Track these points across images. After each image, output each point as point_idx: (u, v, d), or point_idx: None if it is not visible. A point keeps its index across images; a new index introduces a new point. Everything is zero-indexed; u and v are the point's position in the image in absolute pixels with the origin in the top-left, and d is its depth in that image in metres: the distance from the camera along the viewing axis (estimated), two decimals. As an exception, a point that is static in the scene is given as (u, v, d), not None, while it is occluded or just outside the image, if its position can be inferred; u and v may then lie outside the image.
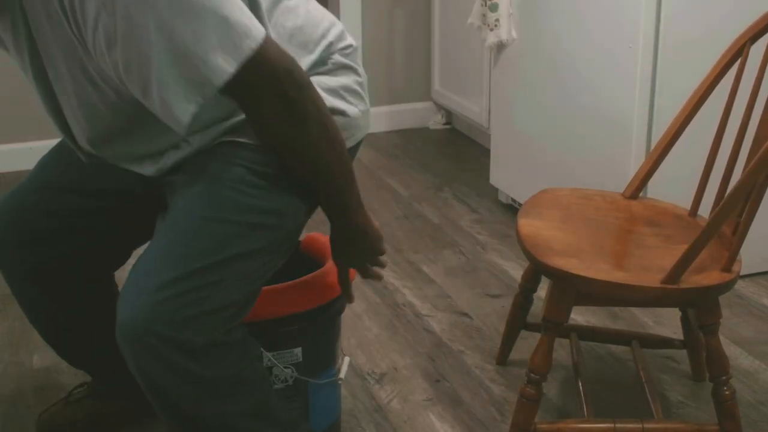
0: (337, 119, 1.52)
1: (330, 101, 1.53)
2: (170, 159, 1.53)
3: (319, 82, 1.53)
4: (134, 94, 1.34)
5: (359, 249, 1.68)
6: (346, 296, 1.75)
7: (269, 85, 1.35)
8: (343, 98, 1.59)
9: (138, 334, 1.37)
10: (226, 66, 1.28)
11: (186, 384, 1.41)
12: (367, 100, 1.66)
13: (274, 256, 1.54)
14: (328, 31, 1.60)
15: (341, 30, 1.63)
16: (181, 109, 1.31)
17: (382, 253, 1.72)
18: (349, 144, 1.59)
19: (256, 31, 1.31)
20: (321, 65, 1.59)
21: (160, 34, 1.24)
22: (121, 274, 1.84)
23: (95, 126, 1.49)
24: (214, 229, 1.45)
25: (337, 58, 1.60)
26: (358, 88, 1.63)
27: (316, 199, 1.58)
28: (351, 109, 1.60)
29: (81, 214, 1.71)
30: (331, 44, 1.60)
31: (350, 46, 1.64)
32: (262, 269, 1.51)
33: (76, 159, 1.63)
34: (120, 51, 1.26)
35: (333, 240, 1.67)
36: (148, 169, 1.56)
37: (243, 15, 1.30)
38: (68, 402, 1.95)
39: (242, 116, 1.48)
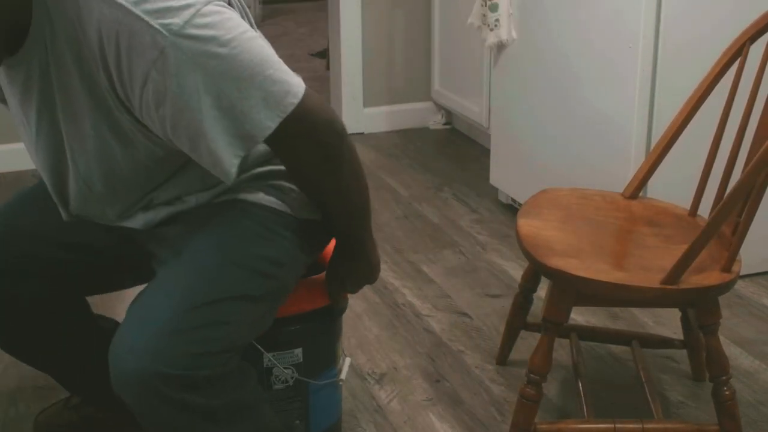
0: None
1: None
2: (162, 213, 1.56)
3: None
4: (181, 148, 1.38)
5: (360, 274, 1.71)
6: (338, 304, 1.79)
7: (309, 135, 1.42)
8: None
9: (141, 375, 1.35)
10: (268, 122, 1.35)
11: (188, 415, 1.40)
12: None
13: (274, 306, 1.57)
14: None
15: None
16: (228, 162, 1.36)
17: (375, 280, 1.77)
18: None
19: (297, 88, 1.37)
20: None
21: (208, 93, 1.30)
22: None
23: (108, 184, 1.50)
24: (221, 271, 1.47)
25: None
26: None
27: (315, 254, 1.65)
28: None
29: (49, 263, 1.67)
30: None
31: None
32: (264, 317, 1.55)
33: (50, 209, 1.63)
34: (169, 108, 1.31)
35: (336, 264, 1.70)
36: (136, 223, 1.57)
37: (284, 73, 1.36)
38: (66, 406, 1.95)
39: (242, 176, 1.54)
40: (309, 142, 1.43)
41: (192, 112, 1.31)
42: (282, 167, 1.58)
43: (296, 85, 1.37)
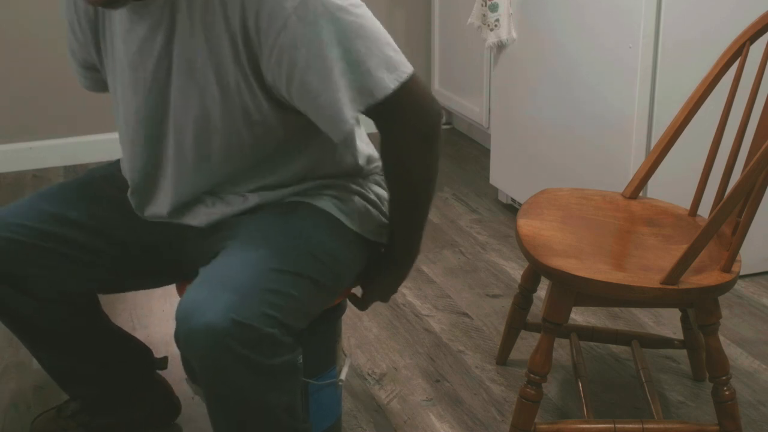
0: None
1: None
2: (227, 210, 1.62)
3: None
4: (302, 101, 1.47)
5: (398, 280, 1.77)
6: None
7: (415, 109, 1.53)
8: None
9: (215, 325, 1.39)
10: (388, 83, 1.47)
11: (249, 371, 1.43)
12: None
13: (322, 304, 1.63)
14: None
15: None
16: (347, 113, 1.47)
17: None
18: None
19: (408, 64, 1.51)
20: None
21: (339, 45, 1.43)
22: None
23: (198, 141, 1.56)
24: (294, 250, 1.55)
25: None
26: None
27: (358, 275, 1.72)
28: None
29: (84, 251, 1.69)
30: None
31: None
32: (317, 308, 1.60)
33: (91, 198, 1.72)
34: (303, 53, 1.42)
35: (385, 269, 1.75)
36: (198, 220, 1.63)
37: (397, 48, 1.50)
38: (60, 415, 1.93)
39: (308, 184, 1.63)
40: (414, 115, 1.53)
41: (324, 60, 1.42)
42: (343, 182, 1.67)
43: (407, 61, 1.50)
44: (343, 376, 1.84)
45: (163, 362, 1.98)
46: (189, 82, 1.52)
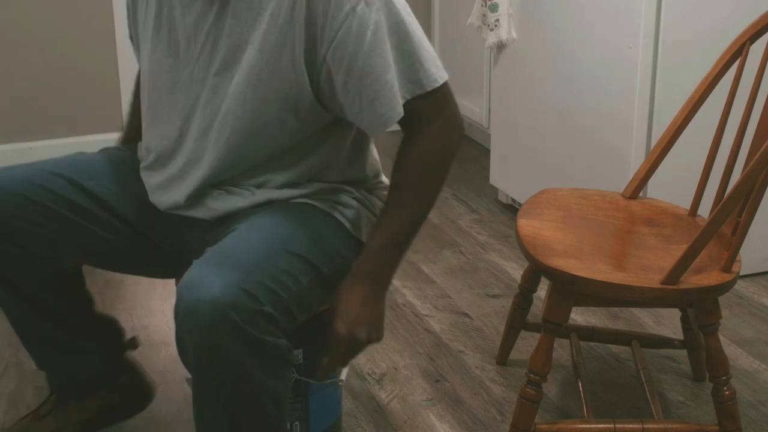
0: None
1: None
2: (233, 203, 1.62)
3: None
4: (358, 82, 1.50)
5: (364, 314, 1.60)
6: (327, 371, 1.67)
7: (448, 112, 1.60)
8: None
9: (222, 298, 1.38)
10: (437, 77, 1.57)
11: (246, 349, 1.42)
12: None
13: (322, 299, 1.61)
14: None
15: None
16: (396, 99, 1.52)
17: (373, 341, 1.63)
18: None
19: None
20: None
21: (396, 34, 1.52)
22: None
23: (223, 126, 1.56)
24: (300, 237, 1.55)
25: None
26: None
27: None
28: None
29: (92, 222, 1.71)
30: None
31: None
32: (316, 303, 1.60)
33: (110, 175, 1.76)
34: (370, 35, 1.49)
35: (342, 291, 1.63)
36: (205, 212, 1.63)
37: None
38: (37, 416, 1.89)
39: (314, 186, 1.64)
40: (446, 119, 1.59)
41: (384, 45, 1.50)
42: (348, 188, 1.67)
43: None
44: (343, 376, 1.84)
45: (133, 342, 1.95)
46: (232, 58, 1.54)
